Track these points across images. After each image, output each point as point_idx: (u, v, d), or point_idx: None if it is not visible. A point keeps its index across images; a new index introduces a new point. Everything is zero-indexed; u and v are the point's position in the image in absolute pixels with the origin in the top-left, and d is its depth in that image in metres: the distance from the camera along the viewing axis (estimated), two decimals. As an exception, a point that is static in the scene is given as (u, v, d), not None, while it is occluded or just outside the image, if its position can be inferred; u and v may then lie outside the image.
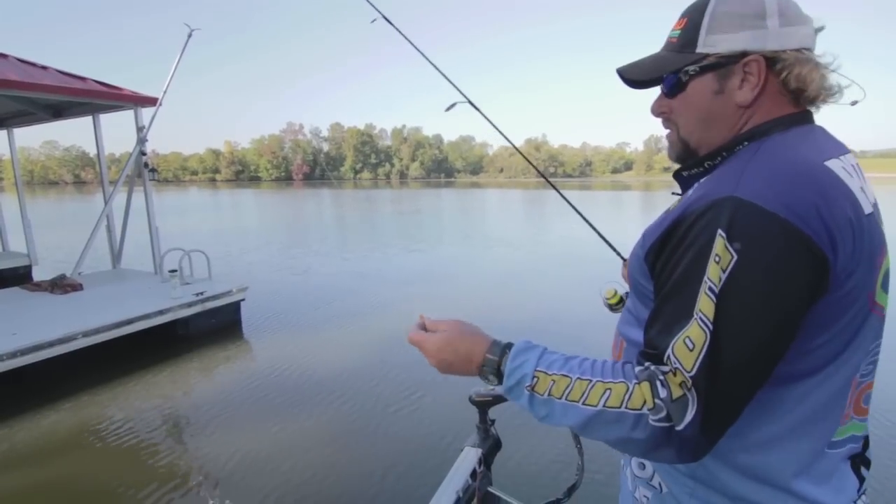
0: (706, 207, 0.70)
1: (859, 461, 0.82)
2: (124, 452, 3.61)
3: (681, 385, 0.67)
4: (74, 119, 8.41)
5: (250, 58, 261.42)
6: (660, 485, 0.86)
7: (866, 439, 0.84)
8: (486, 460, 1.16)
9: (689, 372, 0.66)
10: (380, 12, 1.83)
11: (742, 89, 0.80)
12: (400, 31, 1.77)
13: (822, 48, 0.81)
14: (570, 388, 0.74)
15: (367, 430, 3.88)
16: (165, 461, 3.49)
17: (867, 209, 0.73)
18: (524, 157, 1.87)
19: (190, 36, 7.19)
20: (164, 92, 7.20)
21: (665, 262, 0.75)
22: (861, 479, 0.82)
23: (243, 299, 6.65)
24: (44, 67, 7.12)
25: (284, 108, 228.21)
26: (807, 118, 0.82)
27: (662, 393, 0.68)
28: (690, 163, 0.88)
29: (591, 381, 0.74)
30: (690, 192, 0.80)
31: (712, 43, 0.80)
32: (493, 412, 1.20)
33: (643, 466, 0.89)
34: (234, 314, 6.60)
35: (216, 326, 6.28)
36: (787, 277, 0.66)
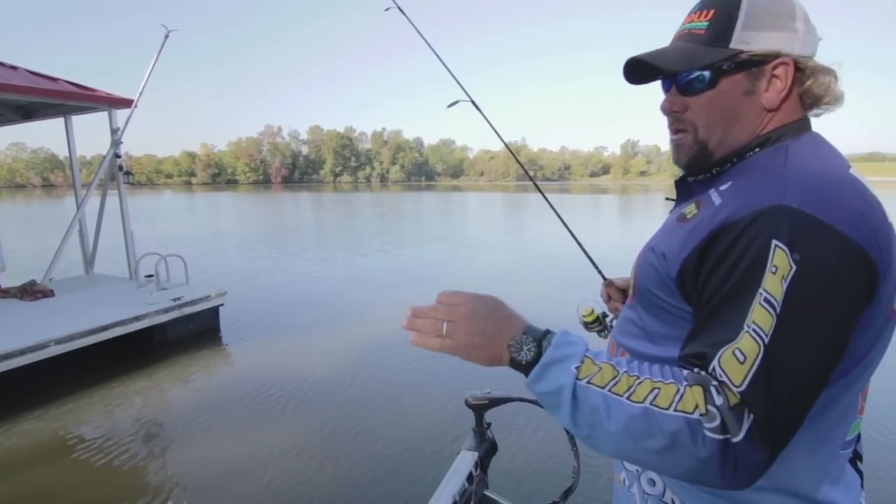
0: (755, 216, 0.67)
1: (855, 457, 0.83)
2: (99, 464, 3.50)
3: (733, 395, 0.62)
4: (45, 121, 8.16)
5: (230, 61, 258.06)
6: (672, 501, 0.83)
7: (858, 434, 0.84)
8: (483, 464, 1.16)
9: (737, 387, 0.61)
10: (394, 2, 1.79)
11: (769, 91, 0.78)
12: (412, 23, 1.76)
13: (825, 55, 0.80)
14: (616, 380, 0.66)
15: (357, 435, 3.83)
16: (143, 472, 3.39)
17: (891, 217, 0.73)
18: (519, 163, 1.87)
19: (167, 37, 7.06)
20: (140, 93, 7.04)
21: (709, 274, 0.70)
22: (860, 474, 0.83)
23: (222, 304, 6.53)
24: (13, 67, 6.90)
25: (262, 110, 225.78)
26: (809, 124, 0.82)
27: (718, 400, 0.61)
28: (698, 169, 0.84)
29: (638, 377, 0.66)
30: (715, 198, 0.76)
31: (747, 39, 0.76)
32: (489, 415, 1.21)
33: (653, 483, 0.85)
34: (212, 319, 6.47)
35: (194, 332, 6.15)
36: (848, 288, 0.64)
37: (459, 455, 1.15)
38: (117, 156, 7.08)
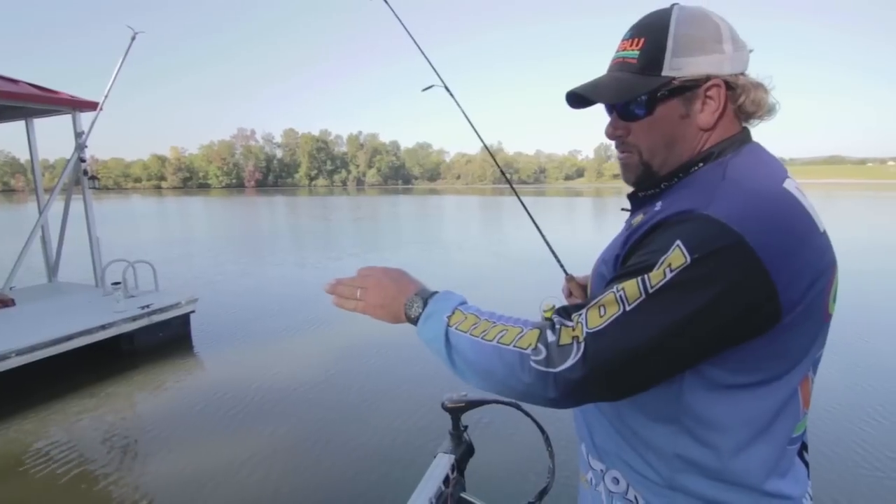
0: (677, 220, 0.73)
1: (802, 448, 0.87)
2: (64, 479, 3.36)
3: (573, 337, 0.71)
4: (6, 123, 7.85)
5: (202, 67, 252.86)
6: (636, 498, 0.86)
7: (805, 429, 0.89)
8: (460, 466, 1.16)
9: (588, 329, 0.70)
10: None
11: (703, 112, 0.81)
12: (393, 11, 1.75)
13: (759, 69, 0.85)
14: (476, 325, 0.80)
15: (331, 440, 3.79)
16: (110, 488, 3.27)
17: (821, 227, 0.77)
18: (492, 156, 1.87)
19: (133, 39, 6.87)
20: (106, 96, 6.83)
21: (624, 261, 0.79)
22: (806, 465, 0.88)
23: (193, 311, 6.38)
24: (-31, 68, 6.61)
25: (235, 113, 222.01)
26: (749, 135, 0.86)
27: (550, 338, 0.73)
28: (645, 186, 0.88)
29: (494, 323, 0.80)
30: (658, 206, 0.81)
31: (678, 66, 0.79)
32: (466, 418, 1.21)
33: (617, 481, 0.89)
34: (183, 327, 6.31)
35: (164, 340, 5.99)
36: (729, 296, 0.67)
37: (436, 458, 1.15)
38: (82, 160, 6.86)
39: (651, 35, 0.81)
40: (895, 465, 3.33)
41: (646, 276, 0.69)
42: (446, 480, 1.11)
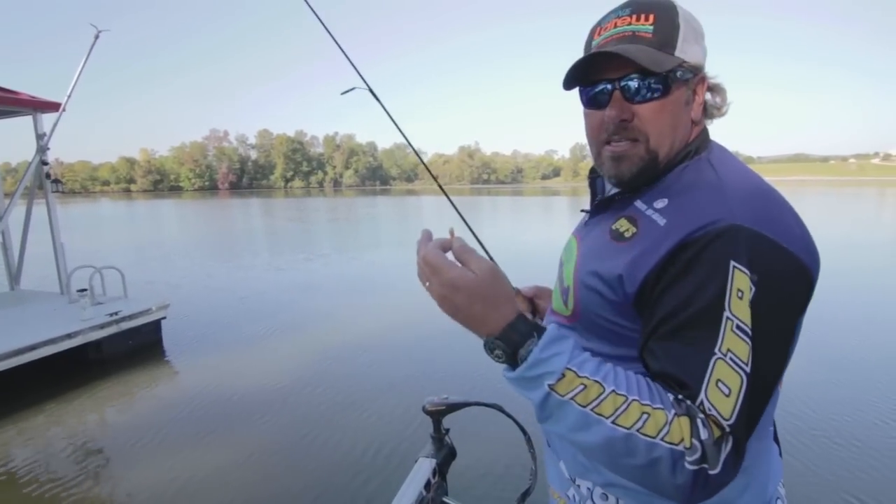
0: (713, 236, 0.66)
1: (774, 432, 0.88)
2: (29, 494, 3.21)
3: (719, 428, 0.63)
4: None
5: (176, 68, 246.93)
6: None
7: None
8: (441, 470, 1.13)
9: (727, 420, 0.63)
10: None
11: (694, 104, 0.79)
12: (314, 11, 1.70)
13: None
14: (601, 399, 0.65)
15: (309, 446, 3.71)
16: (77, 502, 3.15)
17: None
18: (421, 161, 1.84)
19: (97, 37, 6.65)
20: (69, 96, 6.59)
21: (666, 291, 0.69)
22: (778, 444, 0.88)
23: (164, 318, 6.21)
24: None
25: (207, 117, 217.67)
26: (708, 133, 0.84)
27: (704, 434, 0.63)
28: (645, 179, 0.80)
29: (627, 398, 0.65)
30: (658, 219, 0.74)
31: (684, 50, 0.75)
32: (447, 421, 1.18)
33: (605, 497, 0.83)
34: (153, 334, 6.14)
35: (134, 348, 5.80)
36: (798, 305, 0.69)
37: (417, 462, 1.12)
38: (44, 162, 6.61)
39: (661, 12, 0.75)
40: (867, 457, 3.44)
41: (729, 314, 0.64)
42: (427, 485, 1.08)
